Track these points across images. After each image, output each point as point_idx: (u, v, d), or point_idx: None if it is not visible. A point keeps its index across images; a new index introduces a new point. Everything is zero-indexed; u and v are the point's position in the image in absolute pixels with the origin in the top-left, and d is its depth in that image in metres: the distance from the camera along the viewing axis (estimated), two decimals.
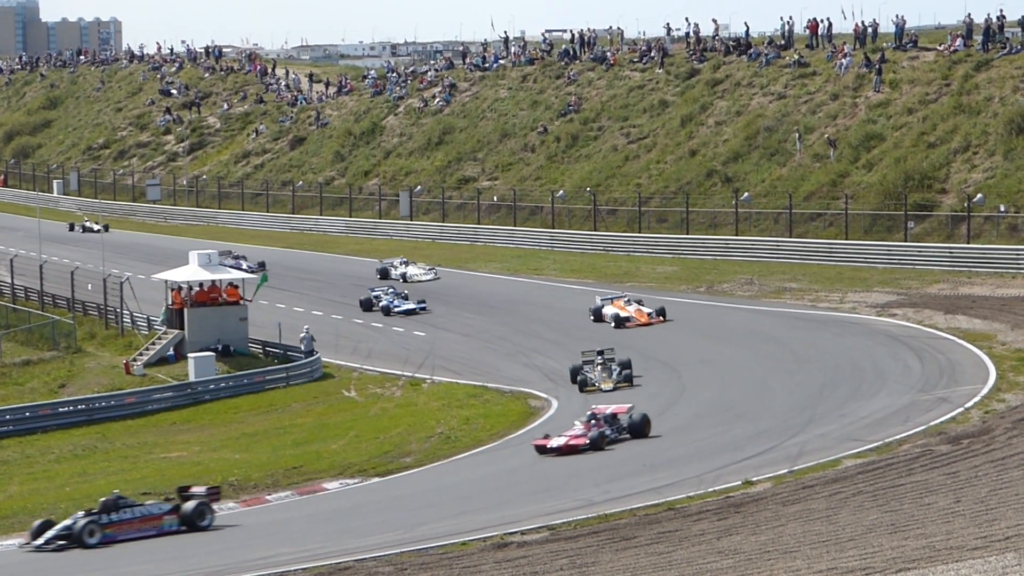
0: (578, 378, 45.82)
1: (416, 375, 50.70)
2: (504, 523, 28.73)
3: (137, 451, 44.61)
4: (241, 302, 56.46)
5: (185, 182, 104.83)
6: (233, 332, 55.82)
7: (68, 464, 43.50)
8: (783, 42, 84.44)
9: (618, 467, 35.12)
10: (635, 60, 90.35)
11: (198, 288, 56.47)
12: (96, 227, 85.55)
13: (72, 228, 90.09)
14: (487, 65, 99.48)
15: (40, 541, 32.04)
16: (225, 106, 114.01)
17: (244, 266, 68.97)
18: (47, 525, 32.48)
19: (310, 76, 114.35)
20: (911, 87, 73.96)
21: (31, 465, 43.68)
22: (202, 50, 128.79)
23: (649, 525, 27.46)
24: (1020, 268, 60.07)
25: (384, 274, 68.12)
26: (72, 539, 31.88)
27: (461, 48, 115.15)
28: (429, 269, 68.92)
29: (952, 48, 75.03)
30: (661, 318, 54.68)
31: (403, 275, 67.61)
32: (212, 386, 51.58)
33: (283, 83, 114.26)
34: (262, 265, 70.30)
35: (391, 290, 62.01)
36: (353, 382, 51.20)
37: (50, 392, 52.77)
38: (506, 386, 47.66)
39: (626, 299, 56.39)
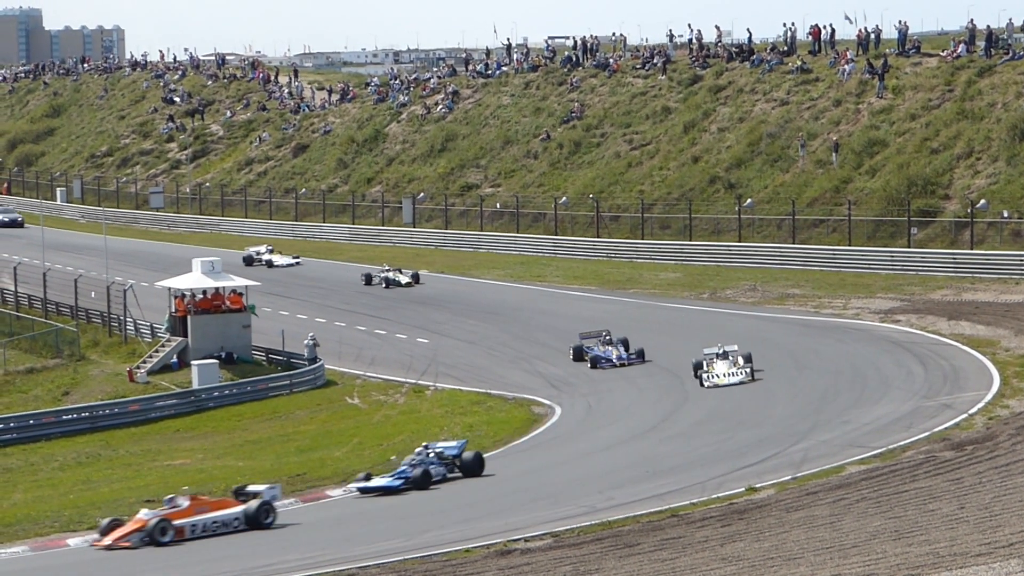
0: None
1: (419, 382, 50.71)
2: (508, 530, 28.72)
3: (141, 459, 44.60)
4: (244, 310, 56.53)
5: (188, 190, 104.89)
6: (236, 339, 55.85)
7: (72, 472, 43.49)
8: (786, 48, 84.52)
9: (621, 473, 35.10)
10: (638, 67, 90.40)
11: (201, 296, 56.51)
12: (403, 279, 68.64)
13: (369, 281, 69.14)
14: (490, 72, 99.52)
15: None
16: (228, 114, 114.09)
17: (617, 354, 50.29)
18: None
19: (295, 71, 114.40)
20: (914, 93, 73.97)
21: (35, 473, 43.69)
22: (209, 58, 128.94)
23: (653, 532, 27.44)
24: (1023, 274, 60.00)
25: (698, 370, 46.46)
26: None
27: (464, 55, 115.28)
28: (744, 364, 46.09)
29: (955, 54, 75.07)
30: None
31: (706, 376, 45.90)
32: (216, 393, 51.61)
33: (286, 90, 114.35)
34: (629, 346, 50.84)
35: None
36: (356, 389, 51.21)
37: (54, 400, 52.83)
38: (509, 393, 47.65)
39: None
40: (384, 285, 67.98)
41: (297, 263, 77.72)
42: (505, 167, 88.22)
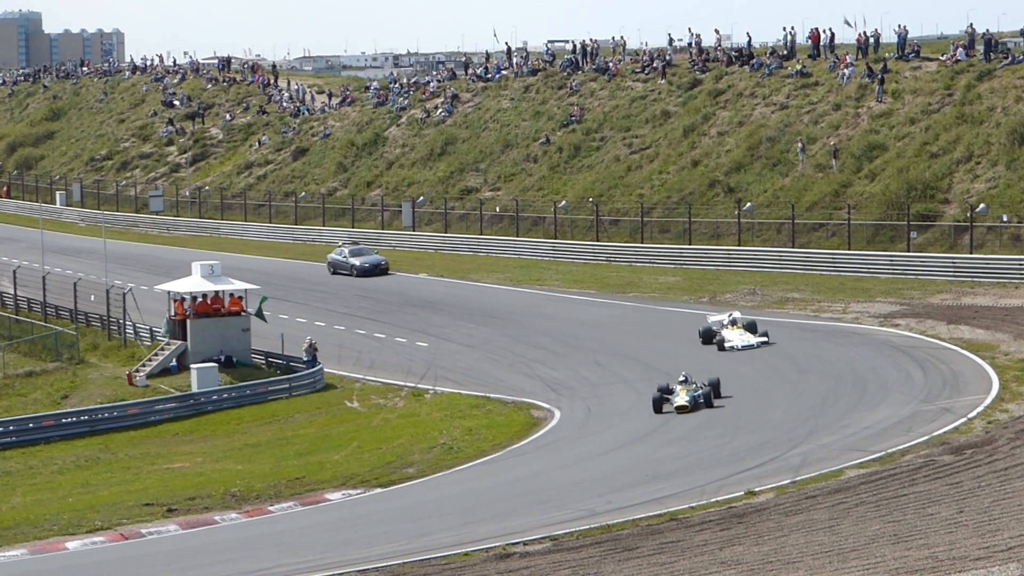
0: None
1: (419, 386, 50.71)
2: (507, 534, 28.72)
3: (140, 462, 44.61)
4: (243, 314, 56.52)
5: (188, 193, 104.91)
6: (235, 343, 55.85)
7: (71, 475, 43.49)
8: (785, 52, 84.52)
9: (621, 477, 35.11)
10: (637, 70, 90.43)
11: (200, 299, 56.51)
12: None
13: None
14: (489, 76, 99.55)
15: None
16: (228, 117, 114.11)
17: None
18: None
19: (272, 66, 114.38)
20: (913, 97, 73.99)
21: (34, 476, 43.70)
22: (210, 61, 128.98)
23: (651, 536, 27.43)
24: (1023, 278, 60.01)
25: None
26: None
27: (463, 59, 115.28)
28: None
29: (954, 58, 75.09)
30: None
31: None
32: (215, 397, 51.60)
33: (286, 94, 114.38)
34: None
35: None
36: (356, 393, 51.21)
37: (53, 403, 52.81)
38: (508, 396, 47.66)
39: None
40: None
41: (764, 343, 50.90)
42: (505, 171, 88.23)
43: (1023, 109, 68.63)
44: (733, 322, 52.00)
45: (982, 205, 64.27)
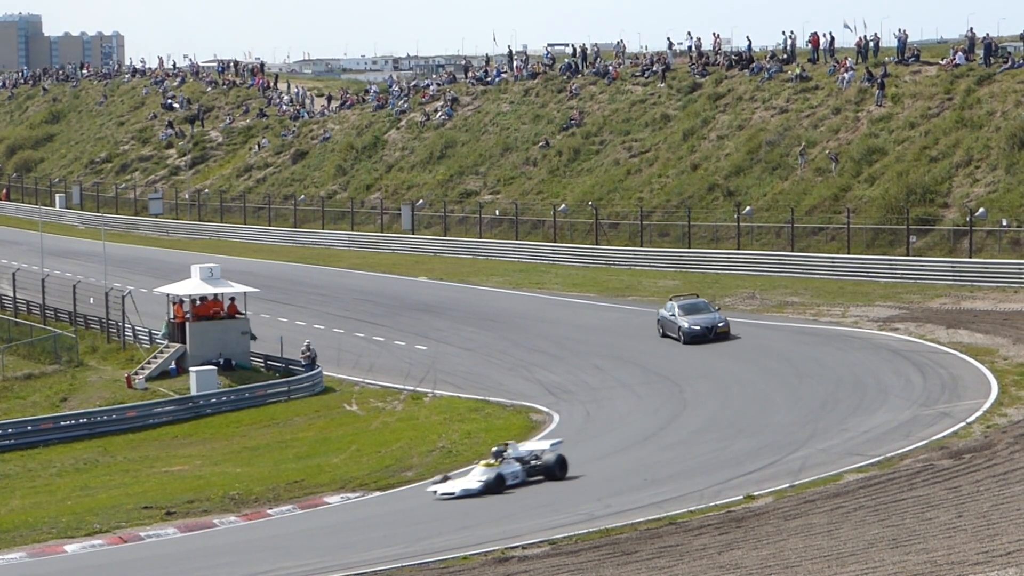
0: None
1: (418, 389, 50.68)
2: (505, 537, 28.70)
3: (139, 465, 44.59)
4: (237, 316, 56.49)
5: (187, 196, 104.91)
6: (235, 346, 55.84)
7: (70, 478, 43.47)
8: (785, 56, 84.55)
9: (619, 481, 35.08)
10: (637, 74, 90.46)
11: (200, 302, 56.49)
12: None
13: None
14: (489, 79, 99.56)
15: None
16: (227, 120, 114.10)
17: None
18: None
19: (260, 65, 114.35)
20: (913, 101, 74.00)
21: (33, 479, 43.68)
22: (214, 64, 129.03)
23: (650, 539, 27.42)
24: (1022, 282, 60.01)
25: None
26: None
27: (463, 62, 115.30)
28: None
29: (954, 62, 75.10)
30: None
31: None
32: (214, 400, 51.57)
33: (285, 97, 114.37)
34: None
35: None
36: (354, 396, 51.18)
37: (52, 406, 52.79)
38: (507, 400, 47.64)
39: None
40: None
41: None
42: (504, 174, 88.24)
43: (1022, 113, 68.64)
44: (497, 453, 36.06)
45: (981, 209, 64.26)
